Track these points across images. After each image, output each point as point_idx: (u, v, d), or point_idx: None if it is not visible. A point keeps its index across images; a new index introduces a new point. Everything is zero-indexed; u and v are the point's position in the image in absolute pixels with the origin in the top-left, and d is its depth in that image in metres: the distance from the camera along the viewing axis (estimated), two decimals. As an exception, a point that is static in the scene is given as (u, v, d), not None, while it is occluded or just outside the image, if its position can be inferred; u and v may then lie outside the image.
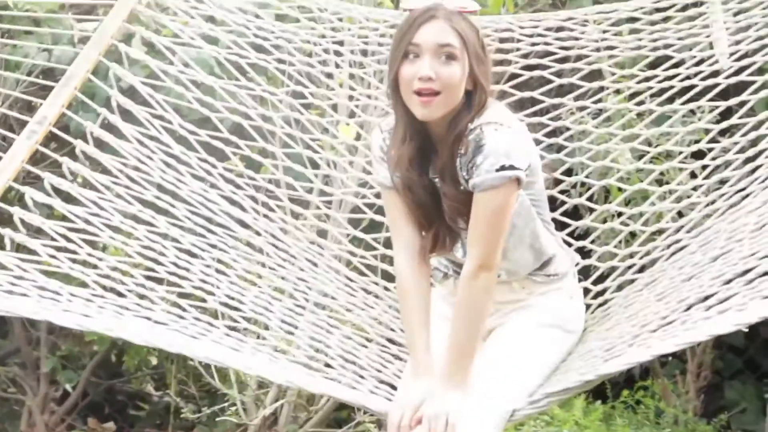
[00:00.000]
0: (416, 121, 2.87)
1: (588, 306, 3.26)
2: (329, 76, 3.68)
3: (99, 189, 3.16)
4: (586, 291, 3.31)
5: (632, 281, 3.29)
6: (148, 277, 2.99)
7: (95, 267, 2.94)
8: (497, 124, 2.83)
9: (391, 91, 2.89)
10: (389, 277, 3.43)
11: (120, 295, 2.88)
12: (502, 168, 2.77)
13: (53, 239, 2.95)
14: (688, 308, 2.70)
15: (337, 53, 3.69)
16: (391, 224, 3.05)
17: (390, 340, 3.23)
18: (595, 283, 3.35)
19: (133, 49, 3.46)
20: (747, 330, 2.34)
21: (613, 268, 3.36)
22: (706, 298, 2.65)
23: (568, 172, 3.51)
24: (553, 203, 3.36)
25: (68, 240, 2.96)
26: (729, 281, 2.67)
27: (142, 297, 2.91)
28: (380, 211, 3.20)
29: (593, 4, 4.18)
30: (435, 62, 2.80)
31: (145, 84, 3.44)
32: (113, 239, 3.05)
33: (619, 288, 3.31)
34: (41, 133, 3.19)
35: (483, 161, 2.79)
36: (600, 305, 3.30)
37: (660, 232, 3.33)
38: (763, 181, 3.15)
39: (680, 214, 3.34)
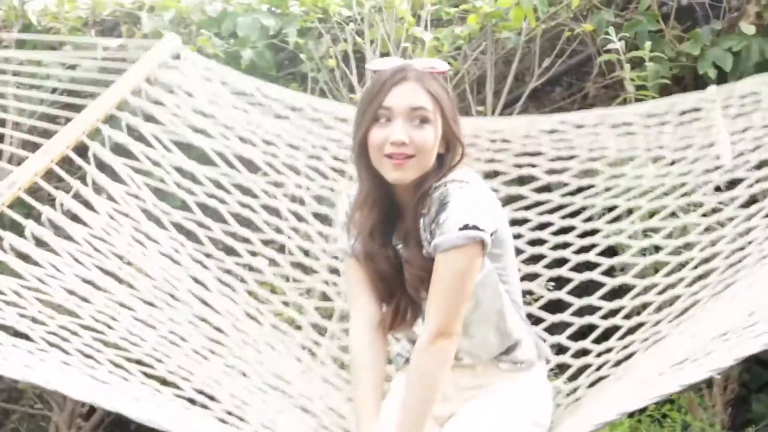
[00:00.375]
0: (382, 186, 2.75)
1: (558, 405, 3.06)
2: (313, 168, 3.60)
3: (59, 253, 3.06)
4: (558, 390, 3.13)
5: (606, 376, 3.09)
6: (97, 339, 2.86)
7: (44, 324, 2.82)
8: (463, 182, 2.70)
9: (357, 155, 2.76)
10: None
11: (65, 352, 2.75)
12: (466, 227, 2.62)
13: (2, 293, 2.86)
14: (661, 374, 2.51)
15: (324, 147, 3.62)
16: (350, 293, 2.91)
17: (345, 430, 3.02)
18: (569, 380, 3.18)
19: (117, 132, 3.43)
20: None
21: (588, 365, 3.17)
22: (681, 362, 2.47)
23: (550, 266, 3.35)
24: (531, 296, 3.26)
25: (19, 296, 2.87)
26: (705, 346, 2.49)
27: (87, 356, 2.77)
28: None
29: (614, 17, 4.17)
30: (408, 126, 2.68)
31: (126, 165, 3.40)
32: (67, 301, 2.94)
33: (592, 384, 3.10)
34: (9, 197, 3.13)
35: (446, 219, 2.64)
36: (571, 403, 3.09)
37: (640, 324, 3.14)
38: (750, 268, 2.98)
39: (663, 305, 3.17)
